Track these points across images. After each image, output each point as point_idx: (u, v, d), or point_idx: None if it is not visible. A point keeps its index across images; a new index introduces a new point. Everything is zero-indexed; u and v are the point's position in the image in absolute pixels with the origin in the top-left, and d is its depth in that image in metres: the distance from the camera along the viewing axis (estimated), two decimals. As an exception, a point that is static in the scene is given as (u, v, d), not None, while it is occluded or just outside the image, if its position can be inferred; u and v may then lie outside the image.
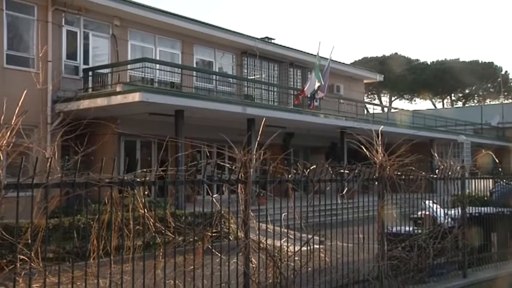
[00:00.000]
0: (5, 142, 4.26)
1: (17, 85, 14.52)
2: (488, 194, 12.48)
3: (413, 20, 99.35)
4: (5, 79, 16.16)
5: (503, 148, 33.76)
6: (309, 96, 24.02)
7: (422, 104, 62.57)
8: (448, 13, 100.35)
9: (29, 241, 4.55)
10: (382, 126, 9.30)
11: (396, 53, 60.42)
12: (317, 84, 23.87)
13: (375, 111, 40.04)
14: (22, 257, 4.48)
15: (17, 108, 4.53)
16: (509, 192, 11.95)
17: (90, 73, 19.49)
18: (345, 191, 7.72)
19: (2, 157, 4.26)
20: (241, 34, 25.11)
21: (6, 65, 17.27)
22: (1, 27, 17.27)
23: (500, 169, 12.99)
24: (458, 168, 9.95)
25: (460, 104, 59.92)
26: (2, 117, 4.33)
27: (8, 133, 4.30)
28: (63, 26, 18.94)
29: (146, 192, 5.51)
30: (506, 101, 51.17)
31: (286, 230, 6.74)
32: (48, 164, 4.71)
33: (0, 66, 17.08)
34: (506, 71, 59.27)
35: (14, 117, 4.42)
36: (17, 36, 18.01)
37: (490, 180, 12.35)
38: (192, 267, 5.57)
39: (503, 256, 10.82)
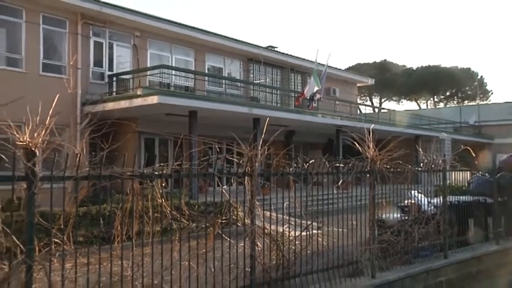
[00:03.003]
0: (40, 140, 4.29)
1: (51, 90, 14.56)
2: (466, 184, 12.52)
3: (402, 30, 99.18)
4: (40, 84, 16.23)
5: (480, 144, 33.80)
6: (308, 98, 24.01)
7: (408, 105, 62.57)
8: (432, 24, 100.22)
9: (62, 226, 4.58)
10: (373, 125, 9.31)
11: (386, 60, 60.51)
12: (316, 88, 23.88)
13: (367, 112, 40.08)
14: (56, 240, 4.51)
15: (51, 110, 4.57)
16: (484, 183, 11.97)
17: (114, 78, 19.59)
18: (340, 182, 7.71)
19: (38, 153, 4.28)
20: (247, 43, 25.11)
21: (42, 72, 17.50)
22: (38, 39, 17.54)
23: (476, 162, 13.02)
24: (440, 161, 9.97)
25: (441, 104, 59.80)
26: (38, 118, 4.36)
27: (43, 132, 4.32)
28: (91, 37, 19.09)
29: (163, 184, 5.53)
30: (481, 102, 51.71)
31: (288, 217, 6.75)
32: (78, 159, 4.75)
33: (37, 73, 17.31)
34: (481, 76, 59.80)
35: (48, 118, 4.45)
36: (51, 46, 18.18)
37: (468, 172, 12.41)
38: (204, 250, 5.58)
39: (478, 239, 10.87)
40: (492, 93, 59.70)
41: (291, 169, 7.08)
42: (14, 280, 4.21)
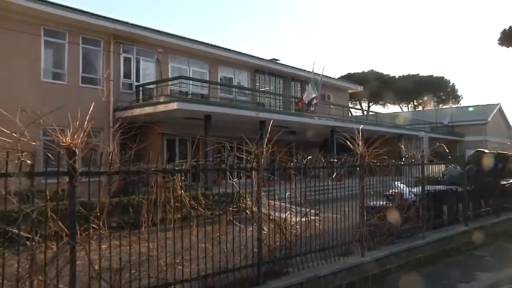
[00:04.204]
0: (79, 141, 4.32)
1: (88, 99, 14.69)
2: (441, 175, 12.50)
3: (387, 44, 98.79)
4: (80, 94, 16.44)
5: (452, 141, 33.81)
6: (306, 103, 23.99)
7: (392, 108, 62.31)
8: (412, 40, 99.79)
9: (98, 214, 4.61)
10: (362, 126, 9.27)
11: (372, 70, 60.12)
12: (313, 94, 23.85)
13: (357, 114, 40.02)
14: (93, 225, 4.54)
15: (88, 116, 4.60)
16: (457, 174, 11.96)
17: (141, 88, 19.68)
18: (334, 175, 7.70)
19: (77, 152, 4.32)
20: (254, 56, 25.11)
21: (81, 84, 17.81)
22: (78, 56, 17.90)
23: (449, 157, 12.98)
24: (419, 156, 9.96)
25: (420, 108, 59.57)
26: (77, 123, 4.39)
27: (82, 134, 4.36)
28: (121, 54, 19.28)
29: (183, 178, 5.54)
30: (453, 106, 51.81)
31: (289, 206, 6.76)
32: (110, 157, 4.77)
33: (77, 85, 17.61)
34: (453, 83, 59.78)
35: (86, 122, 4.48)
36: (89, 62, 18.40)
37: (442, 165, 12.40)
38: (218, 234, 5.59)
39: (451, 222, 10.88)
40: (462, 98, 59.73)
41: (292, 164, 7.09)
42: (61, 258, 4.27)
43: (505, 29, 38.64)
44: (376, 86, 50.71)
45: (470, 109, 41.50)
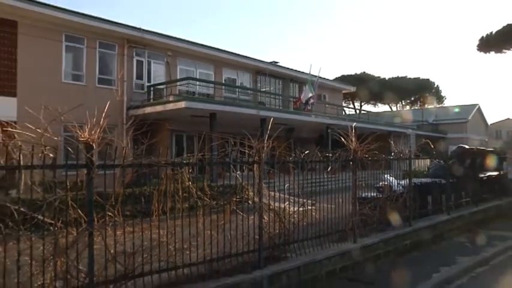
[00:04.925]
0: (96, 136, 4.33)
1: (104, 98, 14.71)
2: (426, 169, 12.50)
3: (377, 49, 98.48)
4: (96, 94, 16.49)
5: (437, 138, 33.84)
6: (304, 102, 23.94)
7: (382, 108, 62.05)
8: (400, 45, 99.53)
9: (113, 203, 4.62)
10: (354, 123, 9.26)
11: (364, 72, 59.62)
12: (310, 94, 23.80)
13: (350, 113, 39.92)
14: (109, 213, 4.56)
15: (103, 114, 4.60)
16: (440, 168, 11.97)
17: (151, 88, 19.65)
18: (329, 168, 7.69)
19: (94, 146, 4.33)
20: (255, 59, 25.02)
21: (97, 84, 17.86)
22: (95, 59, 17.95)
23: (434, 152, 13.00)
24: (407, 152, 9.94)
25: (408, 107, 59.37)
26: (94, 120, 4.39)
27: (98, 130, 4.36)
28: (134, 57, 19.30)
29: (190, 171, 5.54)
30: (438, 106, 51.71)
31: (288, 196, 6.75)
32: (124, 151, 4.78)
33: (94, 86, 17.67)
34: (437, 85, 59.38)
35: (102, 120, 4.48)
36: (104, 65, 18.43)
37: (428, 160, 12.41)
38: (223, 222, 5.60)
39: (435, 211, 10.88)
40: (446, 98, 59.34)
41: (290, 158, 7.08)
42: (81, 242, 4.28)
43: (482, 37, 38.89)
44: (368, 86, 50.56)
45: (456, 110, 41.44)
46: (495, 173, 14.59)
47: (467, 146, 15.39)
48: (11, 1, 14.99)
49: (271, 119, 7.50)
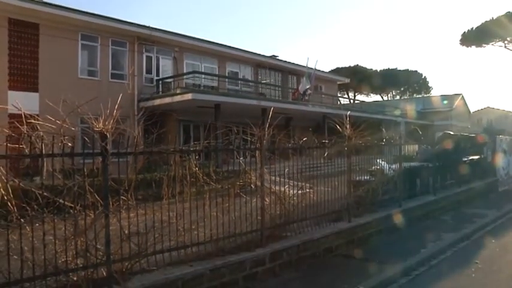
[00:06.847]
0: (110, 127, 4.32)
1: (116, 91, 14.72)
2: (415, 154, 12.50)
3: (369, 43, 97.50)
4: (110, 88, 16.47)
5: (424, 125, 33.77)
6: (301, 93, 23.82)
7: (374, 97, 61.63)
8: (391, 38, 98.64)
9: (127, 188, 4.63)
10: (349, 112, 9.19)
11: (358, 64, 59.01)
12: (307, 86, 23.67)
13: (345, 102, 39.73)
14: (123, 197, 4.57)
15: (116, 106, 4.58)
16: (427, 153, 11.97)
17: (160, 82, 19.55)
18: (325, 154, 7.69)
19: (108, 136, 4.33)
20: (256, 54, 24.84)
21: (110, 79, 17.79)
22: (108, 56, 17.89)
23: (422, 138, 12.97)
24: (397, 138, 9.92)
25: (398, 97, 59.04)
26: (108, 111, 4.39)
27: (112, 121, 4.36)
28: (144, 53, 19.16)
29: (197, 157, 5.54)
30: (425, 95, 51.59)
31: (287, 180, 6.76)
32: (136, 140, 4.77)
33: (107, 80, 17.59)
34: (425, 76, 58.96)
35: (115, 111, 4.47)
36: (117, 61, 18.36)
37: (416, 145, 12.38)
38: (227, 204, 5.61)
39: (422, 193, 10.90)
40: (432, 89, 59.13)
41: (289, 145, 7.07)
42: (98, 224, 4.31)
43: (464, 32, 38.62)
44: (361, 78, 50.19)
45: (445, 102, 41.23)
46: (476, 157, 14.59)
47: (452, 132, 15.39)
48: (34, 5, 15.28)
49: (271, 108, 7.45)
